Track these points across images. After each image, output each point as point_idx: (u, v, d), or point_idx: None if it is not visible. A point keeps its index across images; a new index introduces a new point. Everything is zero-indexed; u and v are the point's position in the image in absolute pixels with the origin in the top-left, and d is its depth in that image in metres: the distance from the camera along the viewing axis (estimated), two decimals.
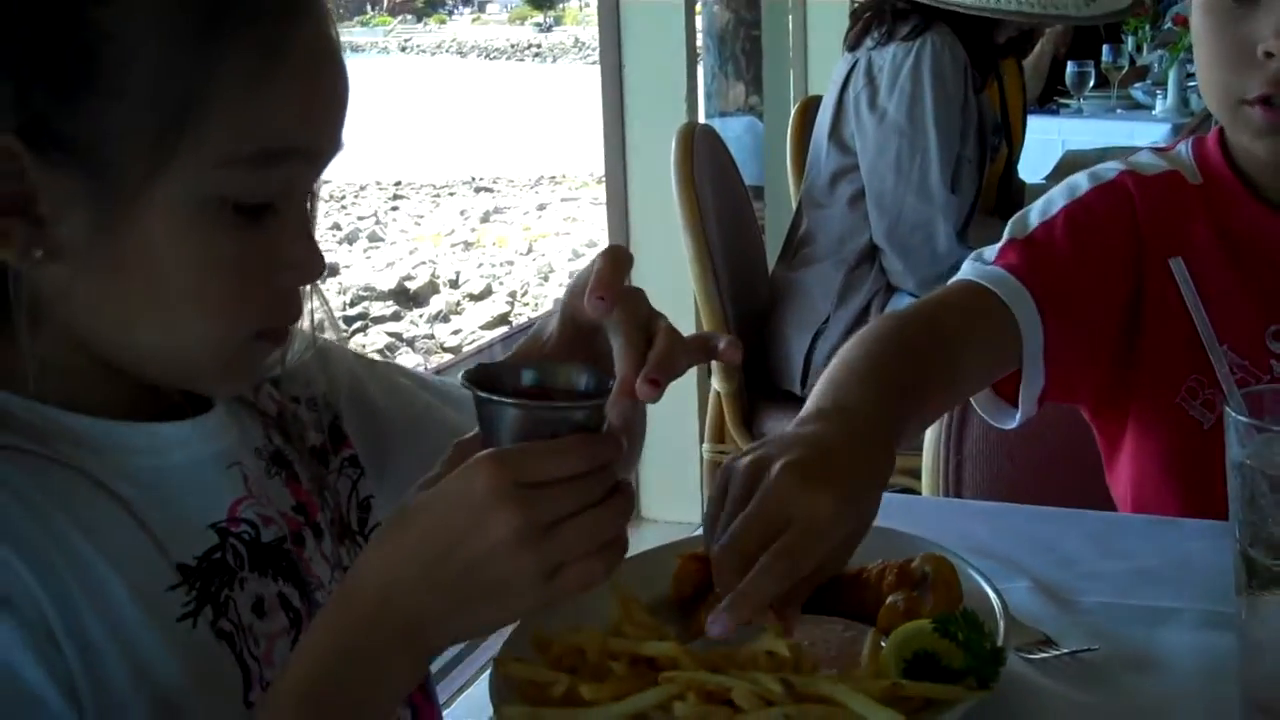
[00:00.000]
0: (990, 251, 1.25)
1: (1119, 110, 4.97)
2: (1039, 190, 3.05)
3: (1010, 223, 1.27)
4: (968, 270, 1.25)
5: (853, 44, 2.70)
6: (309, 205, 0.85)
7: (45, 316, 0.79)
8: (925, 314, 1.19)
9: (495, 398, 0.75)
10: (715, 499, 0.88)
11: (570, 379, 0.80)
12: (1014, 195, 3.23)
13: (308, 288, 0.88)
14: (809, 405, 0.99)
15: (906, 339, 1.11)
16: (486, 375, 0.78)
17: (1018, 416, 1.23)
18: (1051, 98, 5.02)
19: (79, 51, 0.74)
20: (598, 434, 0.75)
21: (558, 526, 0.72)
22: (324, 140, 0.81)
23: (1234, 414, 0.85)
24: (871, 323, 1.14)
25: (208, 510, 0.86)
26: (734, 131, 4.30)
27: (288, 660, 0.76)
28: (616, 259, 0.85)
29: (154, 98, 0.75)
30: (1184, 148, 1.29)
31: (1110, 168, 1.28)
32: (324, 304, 0.94)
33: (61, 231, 0.76)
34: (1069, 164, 3.56)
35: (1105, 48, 5.13)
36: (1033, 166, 3.77)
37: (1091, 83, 4.90)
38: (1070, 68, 4.86)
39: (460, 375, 0.77)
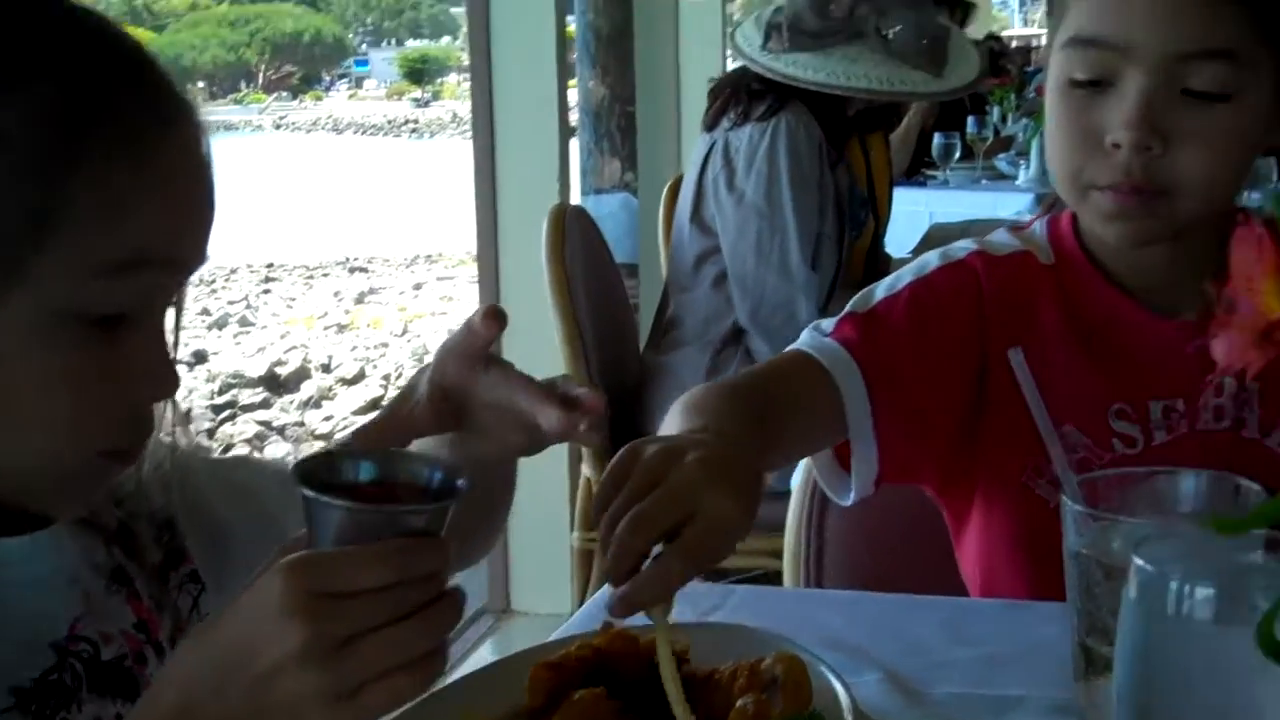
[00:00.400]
0: (829, 323, 1.25)
1: (984, 181, 5.09)
2: (905, 264, 3.12)
3: (856, 296, 1.28)
4: (804, 339, 1.25)
5: (710, 124, 2.74)
6: (174, 318, 0.83)
7: None
8: (756, 378, 1.21)
9: (317, 495, 0.70)
10: (614, 478, 0.86)
11: (417, 474, 0.75)
12: (880, 269, 3.29)
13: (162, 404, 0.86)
14: (675, 431, 0.98)
15: (740, 398, 1.11)
16: (325, 465, 0.74)
17: (851, 495, 1.23)
18: (919, 170, 5.13)
19: None
20: (428, 539, 0.71)
21: (356, 642, 0.67)
22: (184, 251, 0.80)
23: (1070, 503, 0.86)
24: (704, 385, 1.14)
25: (46, 629, 0.83)
26: (609, 208, 4.32)
27: None
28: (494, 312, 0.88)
29: (3, 211, 0.73)
30: (1039, 226, 1.31)
31: (961, 247, 1.30)
32: (175, 412, 0.91)
33: None
34: (935, 237, 3.64)
35: (970, 119, 5.26)
36: (900, 240, 3.84)
37: (958, 154, 5.02)
38: (937, 140, 4.98)
39: (293, 465, 0.73)
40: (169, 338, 0.83)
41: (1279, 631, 0.63)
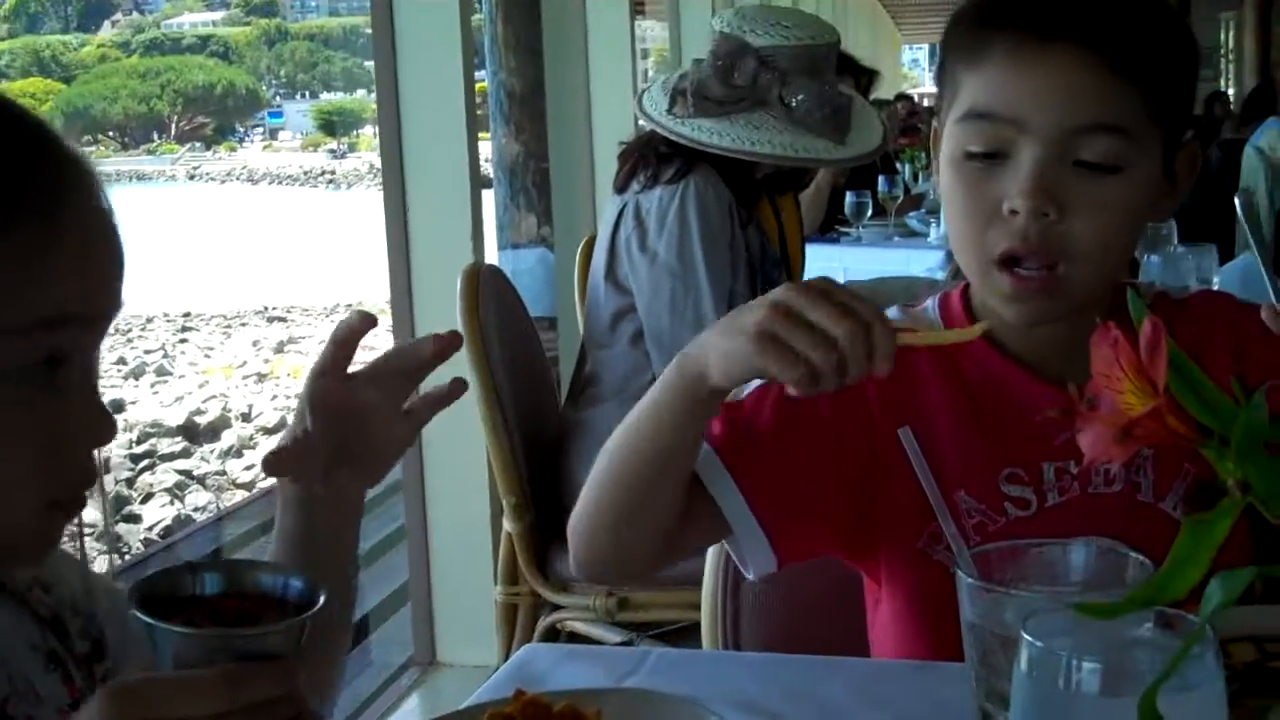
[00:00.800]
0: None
1: (896, 238, 5.18)
2: None
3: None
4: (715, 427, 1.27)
5: (620, 186, 2.78)
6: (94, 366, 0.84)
7: None
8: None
9: (146, 618, 0.67)
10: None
11: (270, 586, 0.72)
12: None
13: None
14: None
15: None
16: (167, 581, 0.71)
17: (750, 572, 1.26)
18: (832, 227, 5.22)
19: None
20: (269, 663, 0.68)
21: None
22: (102, 304, 0.82)
23: (963, 576, 0.90)
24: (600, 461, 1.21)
25: None
26: (526, 263, 4.35)
27: None
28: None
29: None
30: (931, 303, 1.34)
31: None
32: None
33: None
34: None
35: (881, 178, 5.36)
36: None
37: (870, 212, 5.11)
38: (849, 198, 5.07)
39: (130, 585, 0.71)
40: (98, 385, 0.85)
41: (1161, 705, 0.67)
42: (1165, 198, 1.26)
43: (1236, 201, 1.16)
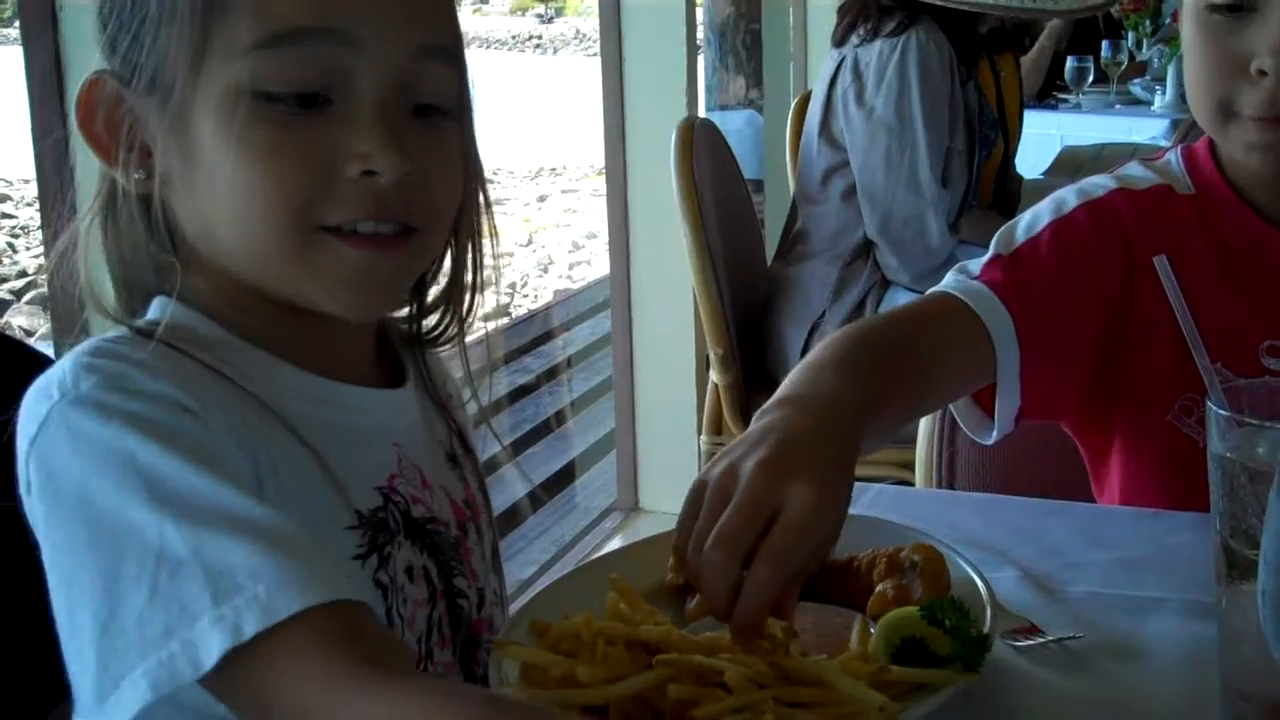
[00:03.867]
0: (975, 265, 1.24)
1: (1118, 106, 4.98)
2: (1036, 186, 3.08)
3: (996, 236, 1.27)
4: (950, 282, 1.24)
5: (839, 40, 2.72)
6: (401, 102, 0.84)
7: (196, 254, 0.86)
8: (900, 321, 1.19)
9: None
10: (688, 511, 0.86)
11: None
12: (1010, 189, 3.26)
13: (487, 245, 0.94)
14: (772, 397, 0.97)
15: (877, 344, 1.09)
16: None
17: (994, 434, 1.23)
18: (1051, 93, 5.04)
19: None
20: None
21: None
22: (362, 23, 0.82)
23: (1215, 408, 0.87)
24: (844, 328, 1.12)
25: (375, 475, 0.91)
26: (734, 125, 4.32)
27: None
28: None
29: (175, 7, 0.81)
30: (1174, 157, 1.29)
31: (1098, 184, 1.27)
32: (496, 272, 0.97)
33: (155, 154, 0.84)
34: (1067, 160, 3.59)
35: (1105, 43, 5.14)
36: (1031, 162, 3.79)
37: (1091, 78, 4.92)
38: (1070, 63, 4.88)
39: None
40: (436, 134, 0.86)
41: None
42: None
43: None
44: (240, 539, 0.71)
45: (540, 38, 22.80)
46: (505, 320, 7.58)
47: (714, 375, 2.73)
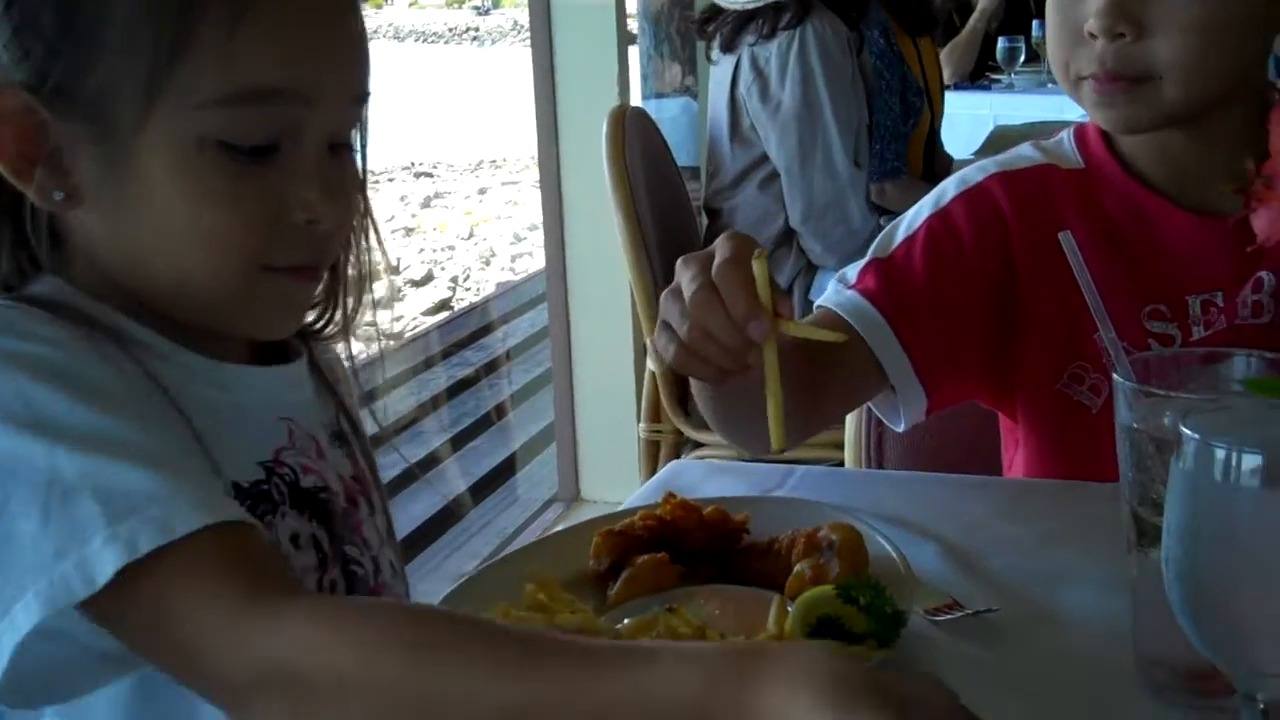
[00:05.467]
0: (853, 271, 1.26)
1: (1049, 85, 5.00)
2: (966, 165, 3.11)
3: (879, 237, 1.29)
4: (829, 295, 1.26)
5: (728, 45, 2.75)
6: (344, 153, 0.89)
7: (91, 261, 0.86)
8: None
9: None
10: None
11: None
12: (940, 163, 3.29)
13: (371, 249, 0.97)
14: None
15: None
16: None
17: (903, 425, 1.26)
18: (983, 74, 5.08)
19: (69, 11, 0.81)
20: None
21: None
22: (318, 86, 0.85)
23: (1122, 380, 0.88)
24: None
25: (257, 450, 0.92)
26: (670, 113, 4.32)
27: None
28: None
29: (137, 45, 0.80)
30: (1066, 136, 1.31)
31: (979, 169, 1.30)
32: (387, 270, 1.01)
33: (79, 178, 0.84)
34: (998, 139, 3.62)
35: (1035, 23, 5.17)
36: (964, 142, 3.82)
37: (1022, 58, 4.95)
38: (1001, 43, 4.92)
39: None
40: (341, 167, 0.89)
41: None
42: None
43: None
44: (134, 465, 0.73)
45: (478, 30, 22.69)
46: (447, 314, 7.58)
47: (650, 363, 2.73)
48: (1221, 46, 1.17)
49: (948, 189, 1.29)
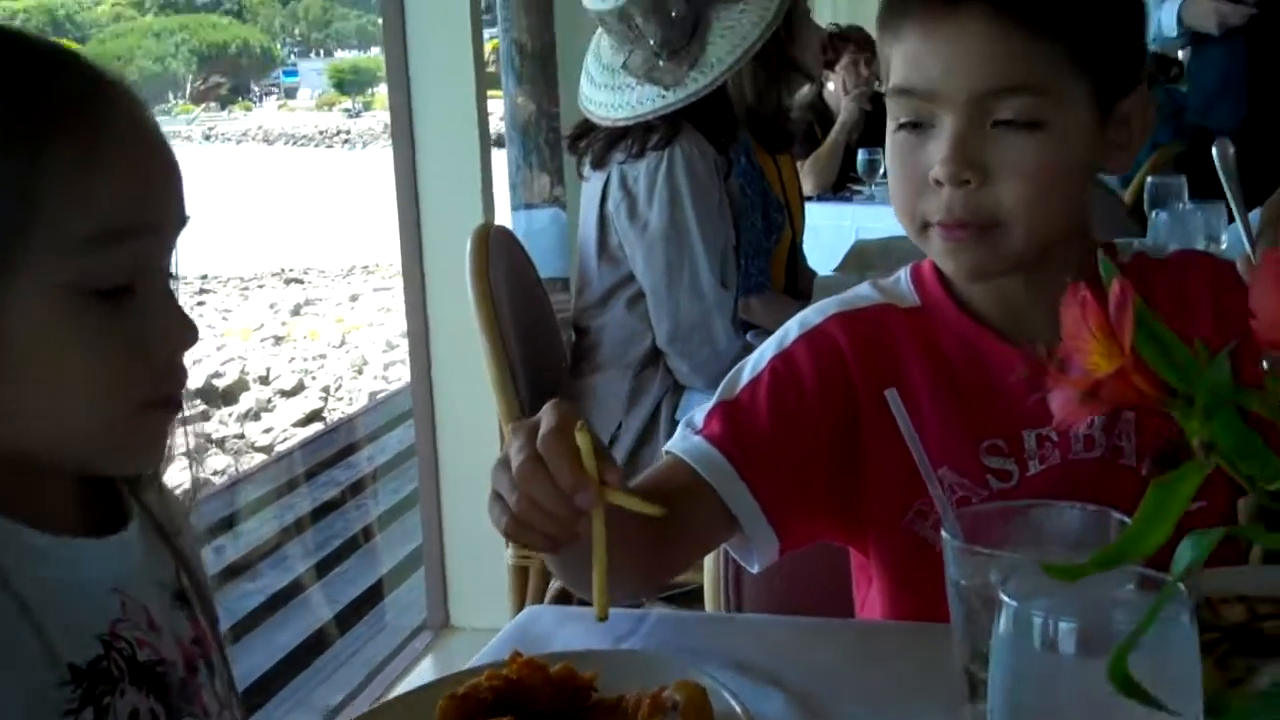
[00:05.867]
0: (700, 415, 1.29)
1: None
2: (826, 283, 3.17)
3: (725, 379, 1.32)
4: (676, 440, 1.29)
5: (598, 162, 2.78)
6: (170, 280, 0.90)
7: None
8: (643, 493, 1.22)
9: None
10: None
11: None
12: (803, 281, 3.36)
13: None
14: None
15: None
16: None
17: (756, 566, 1.28)
18: (845, 185, 5.20)
19: None
20: None
21: None
22: (163, 215, 0.87)
23: (949, 538, 0.91)
24: None
25: (93, 624, 0.90)
26: (540, 223, 4.35)
27: None
28: None
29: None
30: (903, 274, 1.35)
31: (818, 311, 1.34)
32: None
33: None
34: (857, 254, 3.70)
35: None
36: (826, 253, 3.89)
37: (882, 170, 5.08)
38: (861, 155, 5.04)
39: None
40: (174, 292, 0.90)
41: (1136, 666, 0.68)
42: (1114, 148, 1.25)
43: (1214, 150, 1.14)
44: None
45: (349, 132, 22.68)
46: (319, 425, 7.48)
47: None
48: (1058, 190, 1.21)
49: (790, 330, 1.32)
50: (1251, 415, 0.64)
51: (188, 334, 0.89)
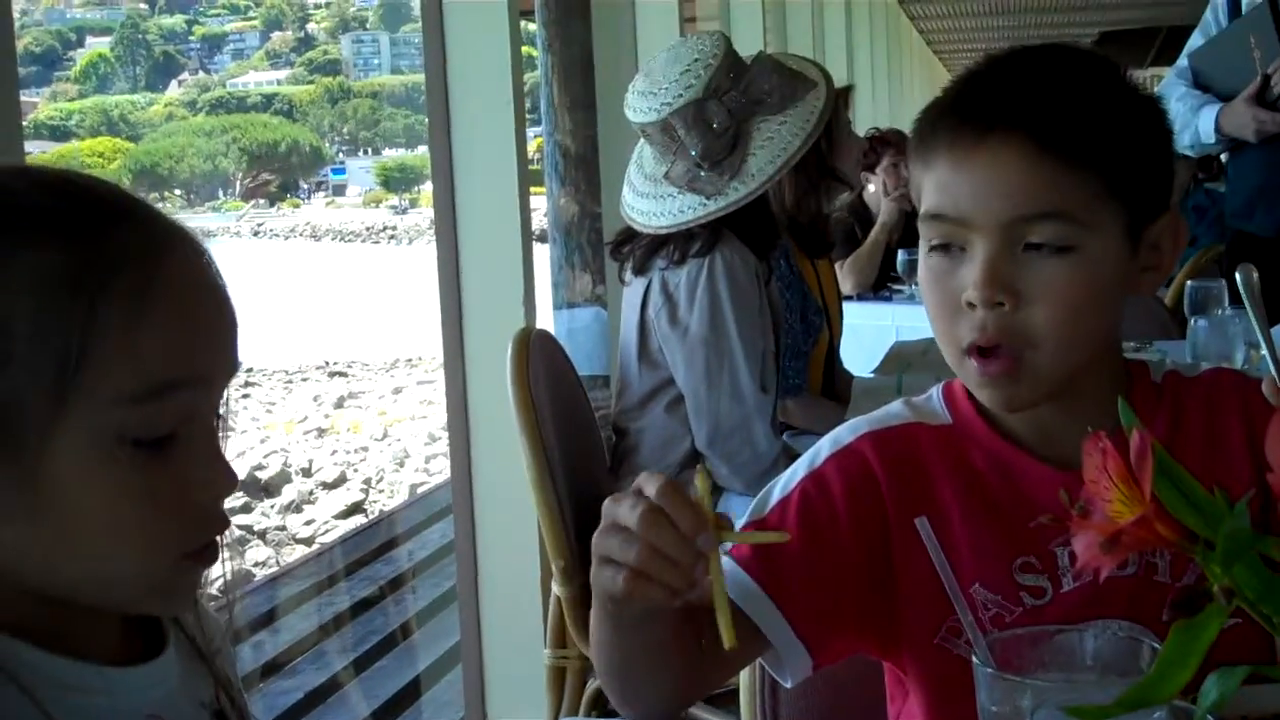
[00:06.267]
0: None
1: None
2: (864, 386, 3.19)
3: (755, 499, 1.33)
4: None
5: (640, 268, 2.82)
6: (217, 424, 0.90)
7: None
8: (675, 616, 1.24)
9: None
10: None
11: None
12: (840, 383, 3.38)
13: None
14: None
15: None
16: None
17: (789, 682, 1.28)
18: (885, 285, 5.23)
19: None
20: None
21: None
22: (213, 366, 0.87)
23: (980, 665, 0.91)
24: None
25: None
26: (582, 322, 4.39)
27: None
28: None
29: (38, 357, 0.81)
30: (935, 393, 1.35)
31: (849, 430, 1.34)
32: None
33: None
34: (895, 356, 3.70)
35: None
36: (867, 353, 3.91)
37: None
38: (901, 255, 5.08)
39: None
40: (219, 438, 0.91)
41: None
42: (1147, 270, 1.26)
43: (1238, 276, 1.15)
44: None
45: (395, 228, 22.99)
46: (361, 518, 7.51)
47: (556, 587, 2.73)
48: (1090, 312, 1.22)
49: (821, 449, 1.33)
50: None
51: (230, 481, 0.89)
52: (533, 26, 4.25)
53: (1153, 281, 1.28)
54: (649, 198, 2.78)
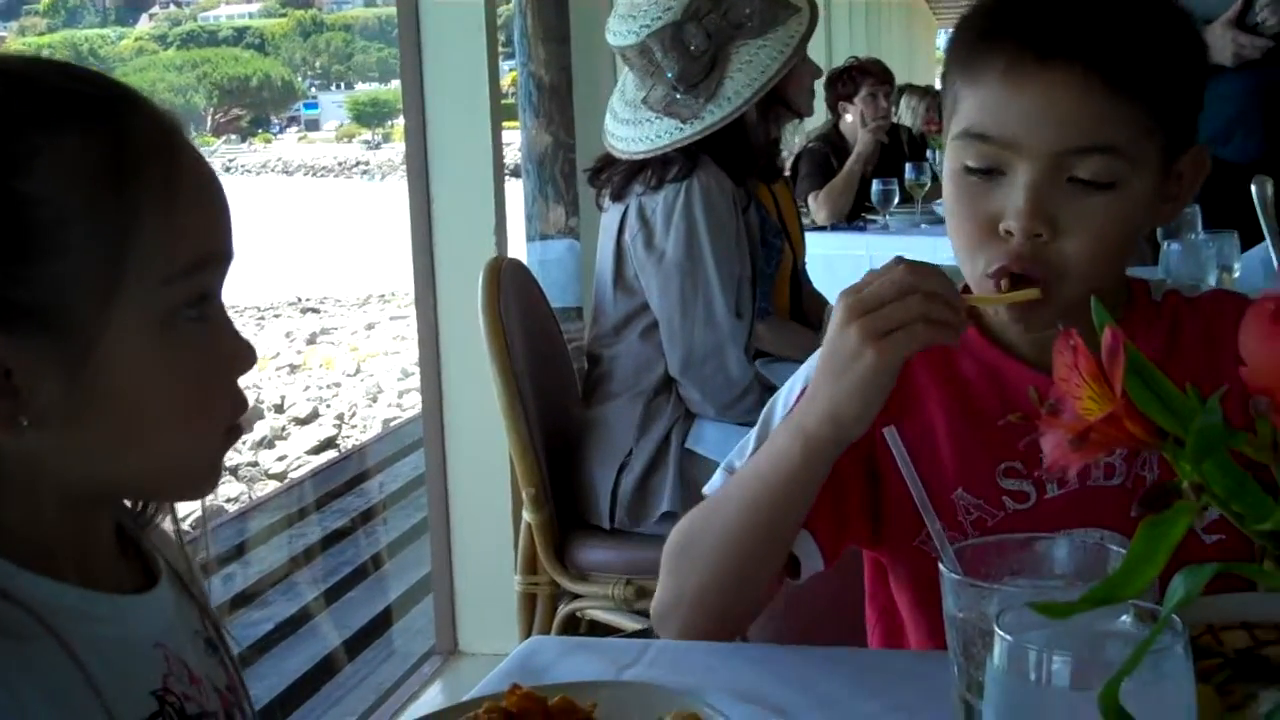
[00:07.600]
0: (738, 457, 1.31)
1: (923, 225, 5.16)
2: None
3: (761, 417, 1.35)
4: (715, 482, 1.32)
5: (617, 194, 2.80)
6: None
7: (32, 484, 0.85)
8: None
9: None
10: None
11: None
12: (808, 305, 3.38)
13: None
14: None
15: None
16: None
17: (801, 576, 1.31)
18: (860, 215, 5.22)
19: (15, 224, 0.81)
20: None
21: None
22: (228, 244, 0.90)
23: (947, 571, 0.91)
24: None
25: (148, 680, 0.91)
26: (555, 253, 4.37)
27: None
28: None
29: (91, 244, 0.82)
30: None
31: None
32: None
33: (40, 398, 0.82)
34: None
35: (908, 165, 5.35)
36: (840, 284, 3.88)
37: (896, 199, 5.11)
38: (876, 185, 5.07)
39: None
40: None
41: (1130, 698, 0.68)
42: (1168, 201, 1.25)
43: (1252, 188, 1.13)
44: None
45: (368, 164, 22.80)
46: (333, 453, 7.49)
47: (526, 514, 2.73)
48: (1119, 246, 1.23)
49: (816, 359, 1.32)
50: (1242, 456, 0.64)
51: (252, 355, 0.92)
52: None
53: (1172, 211, 1.27)
54: (628, 124, 2.76)
